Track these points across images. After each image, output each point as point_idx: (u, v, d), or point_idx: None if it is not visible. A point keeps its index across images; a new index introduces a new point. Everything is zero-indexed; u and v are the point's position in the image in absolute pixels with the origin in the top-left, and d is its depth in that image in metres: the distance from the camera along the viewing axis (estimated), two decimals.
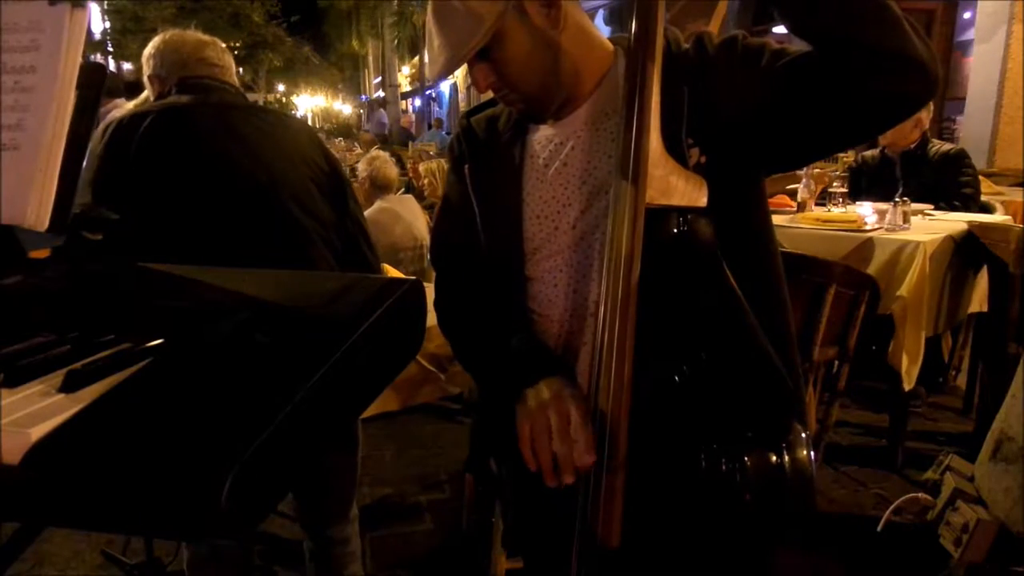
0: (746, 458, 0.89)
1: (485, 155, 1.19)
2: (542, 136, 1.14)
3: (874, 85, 0.90)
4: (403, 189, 4.18)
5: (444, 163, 4.62)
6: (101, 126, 1.52)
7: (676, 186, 0.94)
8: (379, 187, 3.55)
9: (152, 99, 1.67)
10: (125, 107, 2.19)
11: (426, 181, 4.42)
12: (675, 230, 0.96)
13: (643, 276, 0.90)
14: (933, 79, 0.91)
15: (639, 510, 0.92)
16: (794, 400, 1.03)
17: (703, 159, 1.01)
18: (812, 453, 0.92)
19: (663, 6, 0.92)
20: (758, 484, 0.89)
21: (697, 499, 0.92)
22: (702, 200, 0.96)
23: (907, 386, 2.44)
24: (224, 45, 1.73)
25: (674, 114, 0.98)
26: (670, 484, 0.94)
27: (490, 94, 1.14)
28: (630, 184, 0.91)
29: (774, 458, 0.89)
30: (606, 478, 0.91)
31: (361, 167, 3.64)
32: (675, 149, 0.96)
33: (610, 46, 1.13)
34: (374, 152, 3.97)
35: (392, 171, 3.61)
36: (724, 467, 0.89)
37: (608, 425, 0.91)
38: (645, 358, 0.91)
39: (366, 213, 3.51)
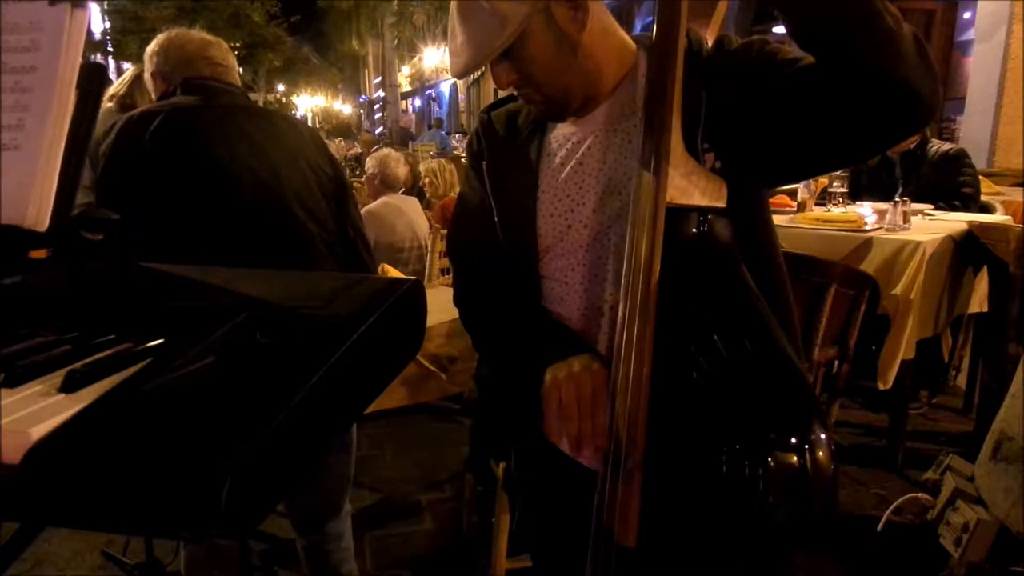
0: (769, 460, 0.89)
1: (503, 152, 1.19)
2: (560, 134, 1.14)
3: (861, 105, 0.89)
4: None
5: (445, 163, 4.61)
6: (102, 127, 1.53)
7: (696, 186, 0.95)
8: (387, 185, 3.58)
9: (155, 97, 1.67)
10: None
11: (427, 181, 4.41)
12: (694, 230, 0.96)
13: (662, 275, 0.90)
14: (926, 112, 0.89)
15: (657, 510, 0.92)
16: (814, 400, 1.04)
17: (718, 164, 1.00)
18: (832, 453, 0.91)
19: (686, 5, 0.92)
20: (781, 487, 0.89)
21: (718, 500, 0.92)
22: (722, 201, 0.96)
23: (882, 386, 2.43)
24: (227, 45, 1.74)
25: (692, 117, 0.98)
26: (689, 484, 0.94)
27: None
28: (651, 184, 0.91)
29: (796, 460, 0.89)
30: (623, 477, 0.91)
31: (370, 163, 3.67)
32: (690, 152, 0.96)
33: (632, 45, 1.12)
34: (385, 150, 4.00)
35: (401, 170, 3.65)
36: (747, 469, 0.88)
37: (626, 425, 0.91)
38: (664, 358, 0.91)
39: (370, 207, 3.56)
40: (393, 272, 2.84)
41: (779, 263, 1.13)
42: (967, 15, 7.06)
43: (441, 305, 1.54)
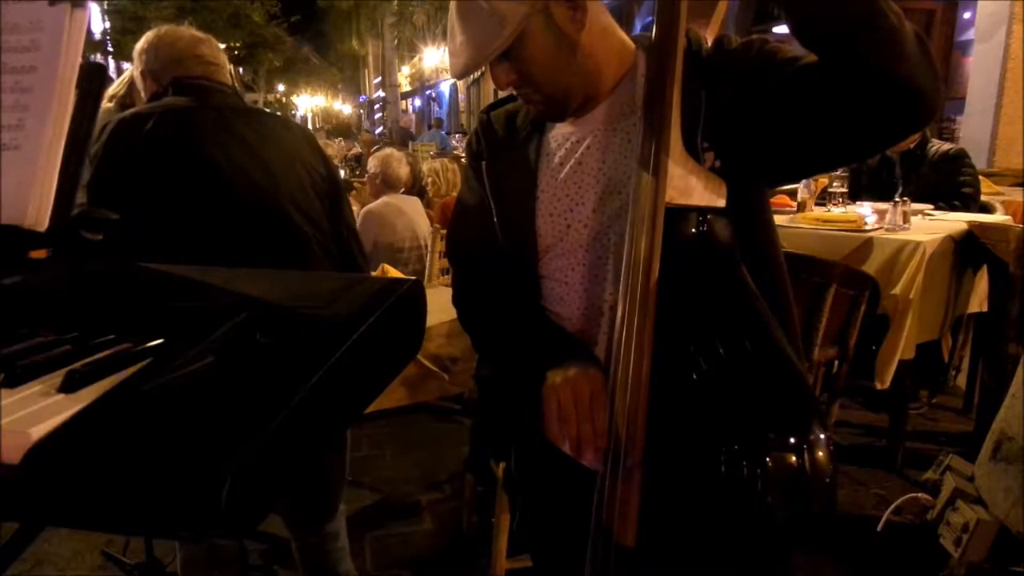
0: (768, 459, 0.89)
1: (502, 152, 1.19)
2: (559, 134, 1.14)
3: (867, 107, 0.89)
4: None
5: (448, 162, 4.62)
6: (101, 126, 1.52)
7: (696, 186, 0.95)
8: (389, 184, 3.59)
9: (145, 97, 1.65)
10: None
11: (430, 180, 4.42)
12: (694, 230, 0.96)
13: (661, 275, 0.91)
14: (929, 110, 0.89)
15: (656, 509, 0.92)
16: (813, 400, 1.04)
17: (717, 163, 1.01)
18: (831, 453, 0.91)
19: (685, 6, 0.92)
20: (780, 487, 0.89)
21: (717, 500, 0.92)
22: (721, 200, 0.96)
23: (879, 385, 2.44)
24: (219, 44, 1.72)
25: (691, 117, 0.98)
26: (689, 484, 0.94)
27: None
28: (650, 183, 0.91)
29: (795, 460, 0.89)
30: (623, 475, 0.91)
31: (372, 163, 3.68)
32: (690, 151, 0.97)
33: (631, 45, 1.13)
34: (388, 149, 4.01)
35: (403, 170, 3.66)
36: (745, 469, 0.88)
37: (625, 424, 0.91)
38: (663, 357, 0.92)
39: (370, 207, 3.56)
40: (393, 272, 2.84)
41: (780, 263, 1.13)
42: (967, 15, 7.07)
43: (441, 305, 1.54)
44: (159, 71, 1.60)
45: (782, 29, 9.33)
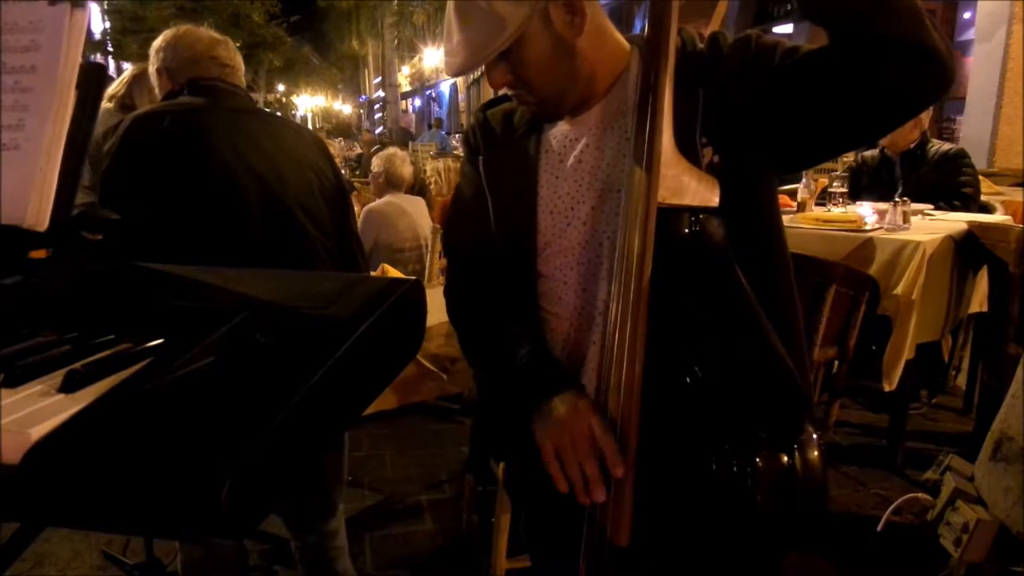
0: (758, 459, 0.89)
1: (500, 148, 1.19)
2: (558, 132, 1.14)
3: (888, 77, 0.89)
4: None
5: (451, 162, 4.63)
6: (102, 127, 1.52)
7: (688, 186, 0.94)
8: (392, 184, 3.60)
9: (159, 95, 1.66)
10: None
11: (432, 180, 4.43)
12: (687, 230, 0.96)
13: (654, 275, 0.90)
14: (948, 74, 0.90)
15: (649, 509, 0.92)
16: (805, 400, 1.03)
17: (716, 159, 1.01)
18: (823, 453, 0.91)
19: (676, 6, 0.92)
20: (769, 486, 0.89)
21: (708, 500, 0.92)
22: (714, 200, 0.96)
23: (887, 387, 2.44)
24: (234, 45, 1.73)
25: (688, 114, 0.98)
26: (681, 484, 0.94)
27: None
28: (642, 183, 0.91)
29: (785, 459, 0.89)
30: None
31: (376, 162, 3.69)
32: (689, 149, 0.97)
33: (627, 46, 1.12)
34: (392, 149, 4.01)
35: (407, 169, 3.67)
36: (735, 468, 0.88)
37: (618, 425, 0.91)
38: (655, 358, 0.91)
39: (372, 206, 3.57)
40: (393, 272, 2.84)
41: (784, 262, 1.13)
42: (967, 15, 7.07)
43: (441, 305, 1.54)
44: (175, 70, 1.62)
45: (781, 29, 9.34)
